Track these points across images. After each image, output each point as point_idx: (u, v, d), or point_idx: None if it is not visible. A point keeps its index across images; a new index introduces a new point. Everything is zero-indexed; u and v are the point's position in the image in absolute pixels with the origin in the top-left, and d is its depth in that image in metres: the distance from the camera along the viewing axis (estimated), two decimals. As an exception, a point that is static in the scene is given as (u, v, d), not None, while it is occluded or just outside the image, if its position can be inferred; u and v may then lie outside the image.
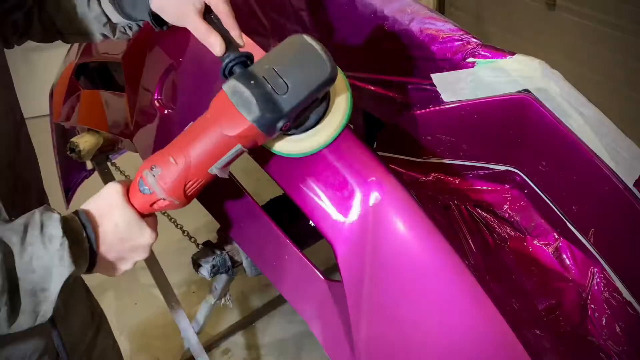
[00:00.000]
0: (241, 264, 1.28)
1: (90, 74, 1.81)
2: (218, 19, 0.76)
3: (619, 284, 1.03)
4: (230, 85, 0.70)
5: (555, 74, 1.02)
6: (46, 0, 0.88)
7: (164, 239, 2.36)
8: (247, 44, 0.79)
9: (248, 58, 0.75)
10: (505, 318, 0.77)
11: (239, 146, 0.72)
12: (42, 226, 0.66)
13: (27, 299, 0.65)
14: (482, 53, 1.05)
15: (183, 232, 1.56)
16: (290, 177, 0.87)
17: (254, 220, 0.97)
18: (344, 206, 0.83)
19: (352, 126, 0.85)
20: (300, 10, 1.36)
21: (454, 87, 1.08)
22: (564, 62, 2.57)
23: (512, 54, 1.03)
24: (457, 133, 1.13)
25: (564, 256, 1.11)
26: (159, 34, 0.87)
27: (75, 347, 0.95)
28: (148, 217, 0.76)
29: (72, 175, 2.12)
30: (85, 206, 0.73)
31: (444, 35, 1.09)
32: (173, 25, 0.81)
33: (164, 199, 0.73)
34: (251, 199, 0.97)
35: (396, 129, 1.18)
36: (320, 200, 0.84)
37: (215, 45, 0.74)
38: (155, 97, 1.24)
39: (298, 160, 0.84)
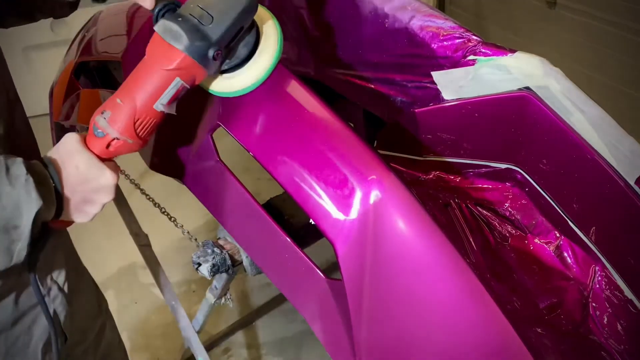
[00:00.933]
0: (241, 263, 1.28)
1: (90, 73, 1.80)
2: None
3: (620, 282, 1.03)
4: (160, 25, 0.77)
5: (557, 71, 1.02)
6: None
7: (164, 238, 2.36)
8: None
9: (176, 5, 0.81)
10: (506, 316, 0.76)
11: (177, 79, 0.77)
12: (7, 168, 0.69)
13: (0, 236, 0.68)
14: (483, 51, 1.05)
15: (183, 231, 1.56)
16: (290, 175, 0.87)
17: (254, 219, 0.97)
18: (344, 204, 0.82)
19: (352, 125, 0.85)
20: (300, 8, 1.36)
21: (454, 85, 1.08)
22: (564, 60, 2.56)
23: (513, 51, 1.03)
24: (458, 131, 1.12)
25: (565, 254, 1.11)
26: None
27: (85, 333, 0.97)
28: (108, 161, 0.80)
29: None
30: (47, 154, 0.77)
31: (445, 33, 1.09)
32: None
33: (117, 139, 0.78)
34: (251, 198, 0.97)
35: (397, 127, 1.18)
36: (321, 199, 0.84)
37: (146, 0, 0.80)
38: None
39: (299, 157, 0.84)
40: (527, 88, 1.02)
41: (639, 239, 0.99)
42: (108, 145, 0.78)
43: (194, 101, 1.09)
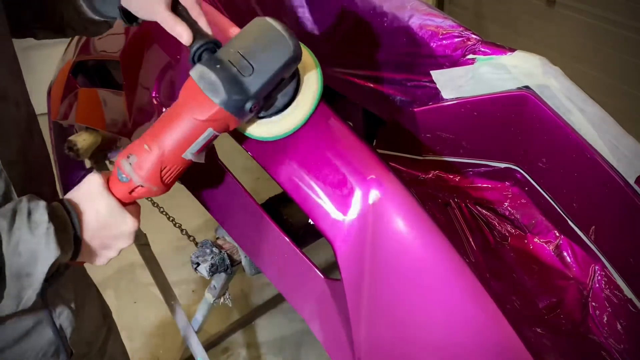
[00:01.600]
0: (240, 262, 1.27)
1: (88, 72, 1.80)
2: (186, 11, 0.78)
3: (620, 282, 1.03)
4: (197, 70, 0.72)
5: (556, 70, 1.02)
6: None
7: (163, 238, 2.36)
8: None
9: (215, 44, 0.77)
10: (506, 316, 0.76)
11: (210, 130, 0.73)
12: (29, 212, 0.67)
13: (12, 282, 0.66)
14: (482, 50, 1.04)
15: (182, 231, 1.55)
16: (289, 175, 0.87)
17: (253, 219, 0.97)
18: (343, 204, 0.82)
19: (351, 124, 0.84)
20: (299, 7, 1.35)
21: (454, 84, 1.07)
22: (563, 59, 2.56)
23: (513, 50, 1.03)
24: (457, 130, 1.12)
25: (565, 254, 1.10)
26: (157, 31, 0.86)
27: (89, 345, 0.96)
28: (130, 205, 0.78)
29: (71, 174, 2.11)
30: (68, 195, 0.75)
31: (444, 32, 1.09)
32: (143, 20, 0.83)
33: (141, 186, 0.75)
34: (250, 198, 0.97)
35: (396, 126, 1.18)
36: (320, 199, 0.84)
37: (182, 34, 0.76)
38: (153, 94, 1.23)
39: (297, 158, 0.84)
40: (527, 87, 1.01)
41: (639, 238, 0.99)
42: (131, 191, 0.75)
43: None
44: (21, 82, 0.82)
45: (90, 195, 0.74)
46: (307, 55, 0.82)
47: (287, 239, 0.92)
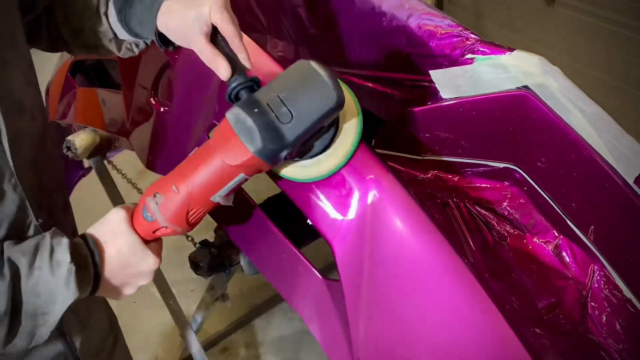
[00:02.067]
0: (239, 262, 1.27)
1: (87, 72, 1.80)
2: (225, 41, 0.74)
3: (619, 282, 1.02)
4: (234, 113, 0.69)
5: (555, 69, 1.02)
6: (55, 10, 0.86)
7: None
8: (245, 42, 0.77)
9: (255, 82, 0.73)
10: (505, 316, 0.76)
11: (241, 175, 0.71)
12: (51, 250, 0.67)
13: (27, 321, 0.66)
14: (481, 49, 1.04)
15: (180, 230, 1.55)
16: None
17: (251, 219, 0.96)
18: (342, 204, 0.82)
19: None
20: (297, 6, 1.35)
21: (452, 84, 1.07)
22: (563, 58, 2.56)
23: (512, 50, 1.03)
24: (456, 130, 1.12)
25: (564, 254, 1.10)
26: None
27: (97, 355, 0.96)
28: (152, 242, 0.77)
29: (69, 173, 2.11)
30: (91, 231, 0.74)
31: (443, 32, 1.08)
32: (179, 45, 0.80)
33: (166, 227, 0.73)
34: (249, 198, 0.96)
35: (394, 126, 1.17)
36: (318, 199, 0.83)
37: (220, 69, 0.72)
38: (152, 94, 1.23)
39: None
40: (526, 87, 1.01)
41: (638, 239, 0.99)
42: (155, 230, 0.74)
43: (190, 100, 1.09)
44: (37, 92, 0.81)
45: (114, 233, 0.73)
46: (348, 98, 0.78)
47: (286, 239, 0.92)
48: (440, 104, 1.09)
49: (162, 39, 0.79)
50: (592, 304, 1.04)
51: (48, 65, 1.98)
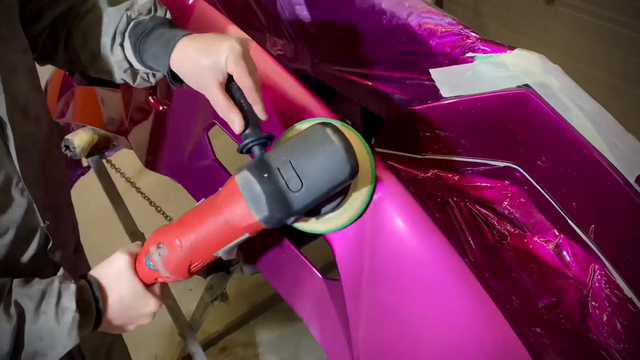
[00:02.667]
0: (238, 262, 1.27)
1: (85, 70, 1.79)
2: (240, 90, 0.72)
3: (619, 281, 1.02)
4: (243, 177, 0.68)
5: (556, 68, 1.01)
6: (73, 36, 0.86)
7: (161, 236, 2.31)
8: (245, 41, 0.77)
9: (268, 139, 0.72)
10: (505, 316, 0.76)
11: (246, 235, 0.72)
12: (59, 296, 0.69)
13: None
14: (482, 48, 1.04)
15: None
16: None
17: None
18: (341, 203, 0.81)
19: (349, 122, 0.84)
20: (296, 4, 1.35)
21: (453, 83, 1.07)
22: (562, 57, 2.56)
23: (512, 48, 1.02)
24: (456, 129, 1.12)
25: (565, 253, 1.10)
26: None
27: (97, 350, 0.98)
28: (154, 284, 0.79)
29: (68, 172, 2.10)
30: (95, 273, 0.76)
31: (443, 30, 1.08)
32: None
33: (167, 276, 0.75)
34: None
35: (394, 125, 1.17)
36: (318, 198, 0.83)
37: (234, 122, 0.71)
38: (150, 93, 1.22)
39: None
40: (526, 85, 1.01)
41: (639, 238, 0.99)
42: (156, 278, 0.76)
43: (189, 99, 1.08)
44: (41, 96, 0.82)
45: (117, 278, 0.75)
46: (363, 157, 0.76)
47: (285, 239, 0.91)
48: (441, 102, 1.09)
49: (175, 76, 0.78)
50: (593, 303, 1.04)
51: (49, 66, 1.97)
